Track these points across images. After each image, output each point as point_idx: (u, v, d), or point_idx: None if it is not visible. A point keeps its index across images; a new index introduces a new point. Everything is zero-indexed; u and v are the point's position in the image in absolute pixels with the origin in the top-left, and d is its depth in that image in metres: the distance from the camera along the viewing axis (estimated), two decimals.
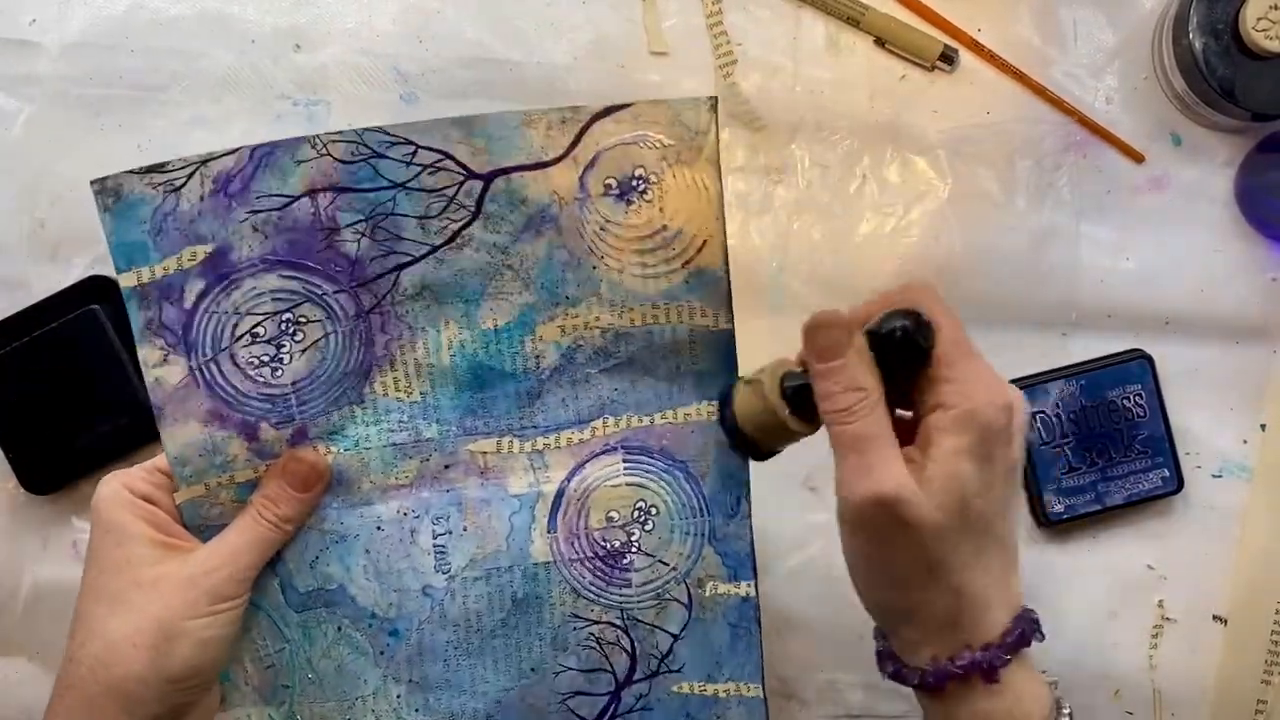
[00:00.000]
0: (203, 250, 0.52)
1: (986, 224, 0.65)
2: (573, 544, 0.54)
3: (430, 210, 0.52)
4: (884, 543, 0.45)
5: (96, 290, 0.63)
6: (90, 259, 0.65)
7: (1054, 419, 0.64)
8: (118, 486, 0.51)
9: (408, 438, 0.54)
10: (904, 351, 0.45)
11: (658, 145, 0.51)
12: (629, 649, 0.54)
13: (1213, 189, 0.65)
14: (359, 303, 0.53)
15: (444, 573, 0.54)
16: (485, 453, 0.54)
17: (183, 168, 0.51)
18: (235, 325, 0.52)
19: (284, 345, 0.53)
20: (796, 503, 0.65)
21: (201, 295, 0.52)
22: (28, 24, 0.65)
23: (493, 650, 0.54)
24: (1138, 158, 0.65)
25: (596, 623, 0.54)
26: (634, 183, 0.52)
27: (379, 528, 0.54)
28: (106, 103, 0.65)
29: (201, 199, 0.51)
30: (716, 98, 0.52)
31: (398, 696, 0.54)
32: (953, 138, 0.65)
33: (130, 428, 0.63)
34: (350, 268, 0.52)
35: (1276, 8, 0.58)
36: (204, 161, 0.51)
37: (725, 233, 0.53)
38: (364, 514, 0.54)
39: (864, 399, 0.45)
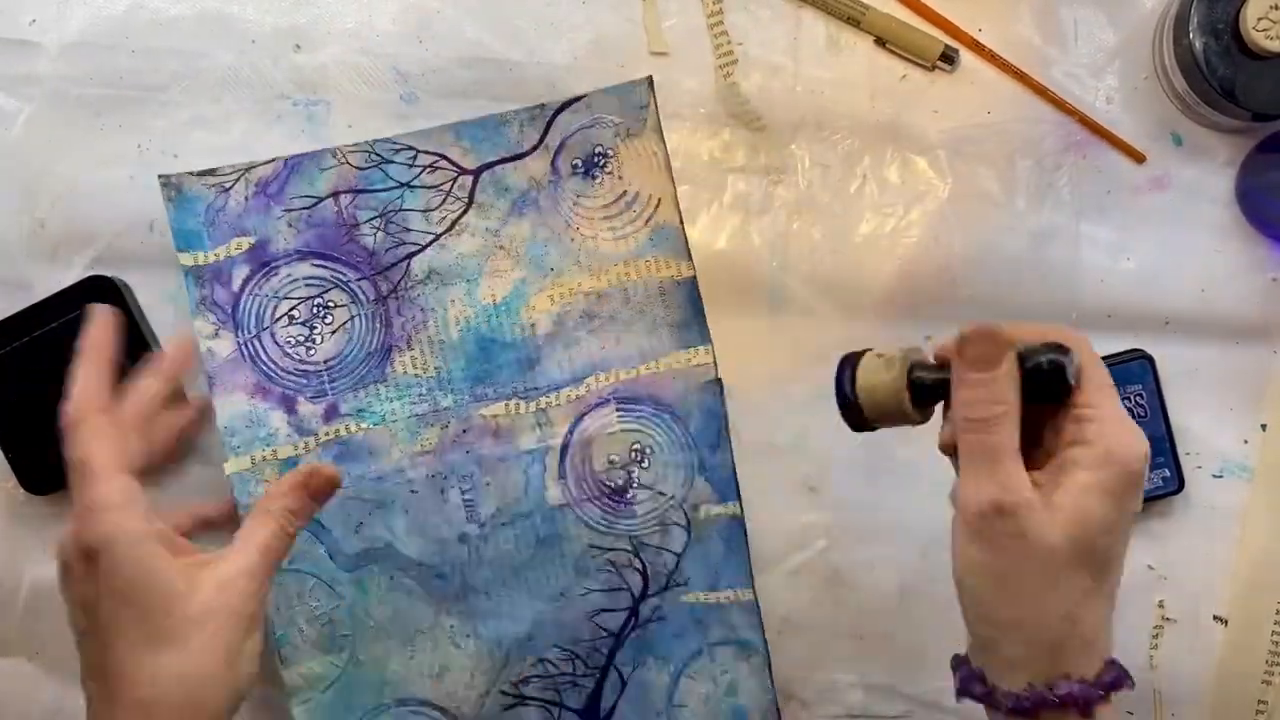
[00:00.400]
0: (247, 241, 0.62)
1: (986, 224, 0.65)
2: (582, 486, 0.63)
3: (431, 204, 0.62)
4: (1003, 552, 0.46)
5: (97, 290, 0.63)
6: (90, 259, 0.65)
7: None
8: (129, 528, 0.48)
9: (428, 408, 0.62)
10: (1049, 383, 0.47)
11: (611, 124, 0.62)
12: (641, 569, 0.63)
13: (1213, 189, 0.65)
14: (378, 288, 0.62)
15: (476, 522, 0.62)
16: (496, 416, 0.62)
17: (231, 172, 0.62)
18: (275, 307, 0.62)
19: (316, 327, 0.62)
20: (796, 503, 0.65)
21: (247, 279, 0.62)
22: (28, 24, 0.65)
23: (525, 582, 0.62)
24: (1138, 158, 0.65)
25: (611, 550, 0.62)
26: (596, 159, 0.62)
27: (413, 490, 0.62)
28: (106, 103, 0.65)
29: (246, 199, 0.62)
30: (651, 76, 0.62)
31: (450, 626, 0.62)
32: (953, 138, 0.65)
33: None
34: (369, 258, 0.62)
35: (1277, 8, 0.58)
36: (248, 168, 0.62)
37: (675, 190, 0.62)
38: (398, 480, 0.62)
39: (1005, 413, 0.46)
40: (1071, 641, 0.46)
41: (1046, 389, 0.47)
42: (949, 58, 0.64)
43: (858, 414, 0.50)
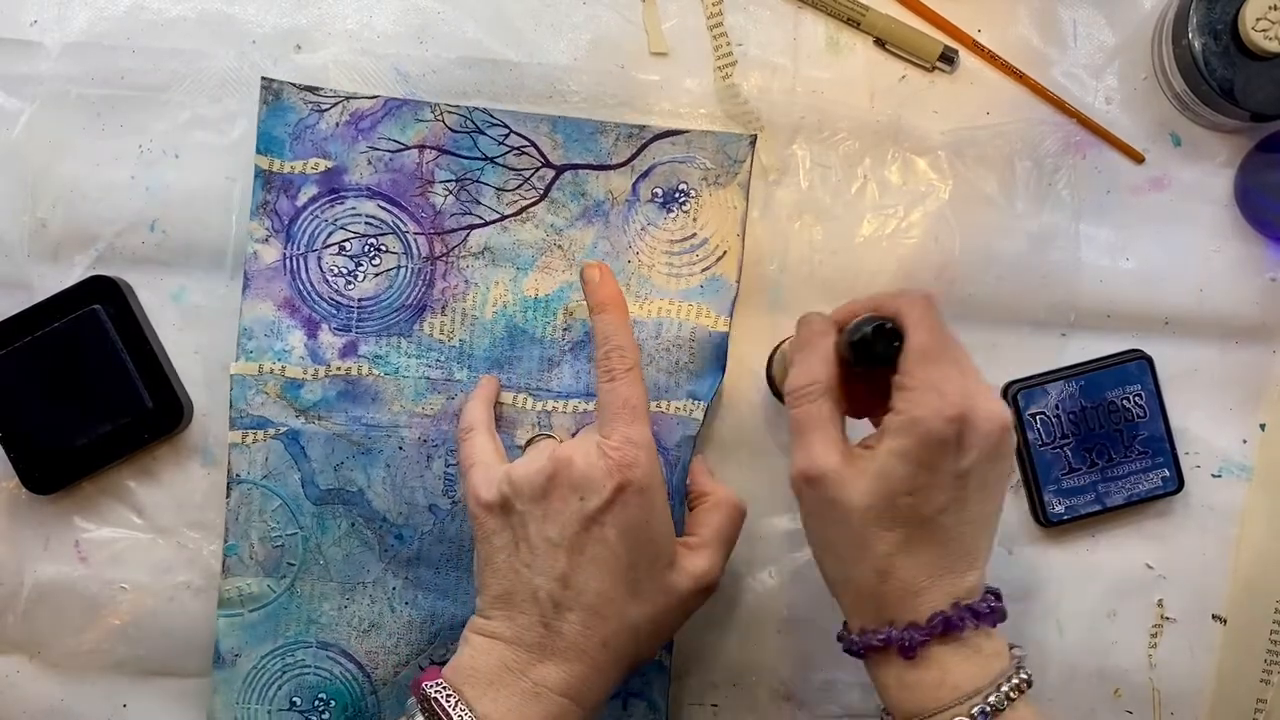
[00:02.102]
0: (325, 164, 0.63)
1: (986, 224, 0.65)
2: None
3: (508, 185, 0.63)
4: (818, 516, 0.51)
5: (99, 290, 0.63)
6: (91, 259, 0.65)
7: (1054, 420, 0.64)
8: (659, 478, 0.55)
9: (441, 375, 0.63)
10: (866, 354, 0.51)
11: (702, 167, 0.63)
12: None
13: (1212, 189, 0.65)
14: (432, 247, 0.63)
15: (450, 498, 0.63)
16: (502, 404, 0.63)
17: (332, 96, 0.63)
18: (330, 233, 0.63)
19: (362, 264, 0.63)
20: (796, 503, 0.65)
21: (313, 200, 0.63)
22: (29, 24, 0.65)
23: None
24: (1137, 158, 0.65)
25: None
26: (677, 195, 0.63)
27: (401, 448, 0.63)
28: (108, 103, 0.65)
29: (337, 125, 0.63)
30: (756, 136, 0.63)
31: (393, 588, 0.63)
32: (953, 138, 0.65)
33: (132, 428, 0.63)
34: (434, 216, 0.63)
35: (1276, 8, 0.58)
36: (349, 98, 0.63)
37: (743, 249, 0.63)
38: (390, 433, 0.63)
39: (813, 387, 0.51)
40: (888, 592, 0.50)
41: (867, 361, 0.51)
42: (948, 58, 0.64)
43: (778, 393, 0.59)
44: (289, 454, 0.62)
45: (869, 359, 0.51)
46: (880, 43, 0.65)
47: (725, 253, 0.63)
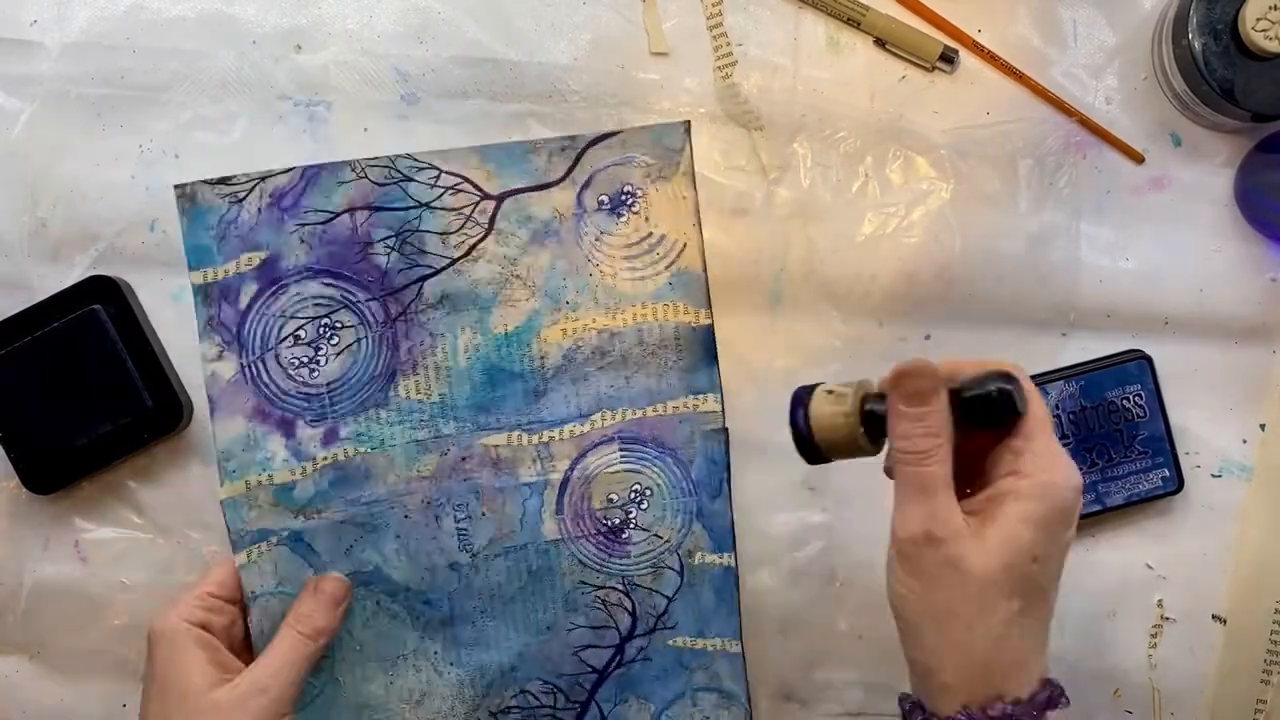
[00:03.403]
0: (258, 256, 0.60)
1: (987, 224, 0.65)
2: (579, 523, 0.61)
3: (450, 227, 0.61)
4: (931, 579, 0.48)
5: (98, 290, 0.63)
6: (91, 259, 0.65)
7: (1054, 420, 0.64)
8: (176, 621, 0.56)
9: (428, 434, 0.61)
10: (995, 412, 0.49)
11: (642, 164, 0.61)
12: (630, 609, 0.62)
13: (1212, 189, 0.65)
14: (387, 310, 0.61)
15: (468, 551, 0.61)
16: (497, 446, 0.61)
17: (246, 181, 0.60)
18: (281, 327, 0.60)
19: (321, 348, 0.61)
20: (796, 502, 0.65)
21: (255, 297, 0.60)
22: (29, 24, 0.65)
23: (513, 613, 0.62)
24: (1138, 158, 0.65)
25: (602, 587, 0.62)
26: (623, 197, 0.61)
27: (406, 516, 0.61)
28: (108, 103, 0.65)
29: (259, 211, 0.60)
30: (689, 122, 0.61)
31: (435, 652, 0.62)
32: (954, 138, 0.65)
33: (132, 428, 0.63)
34: (381, 278, 0.61)
35: (1276, 8, 0.58)
36: (264, 178, 0.60)
37: (702, 237, 0.61)
38: (393, 505, 0.61)
39: (939, 446, 0.48)
40: (1001, 663, 0.48)
41: (990, 420, 0.49)
42: (948, 58, 0.65)
43: (812, 447, 0.51)
44: (297, 555, 0.60)
45: (984, 419, 0.49)
46: (880, 43, 0.65)
47: (685, 245, 0.61)
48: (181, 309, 0.64)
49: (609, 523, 0.61)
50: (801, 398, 0.51)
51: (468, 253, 0.61)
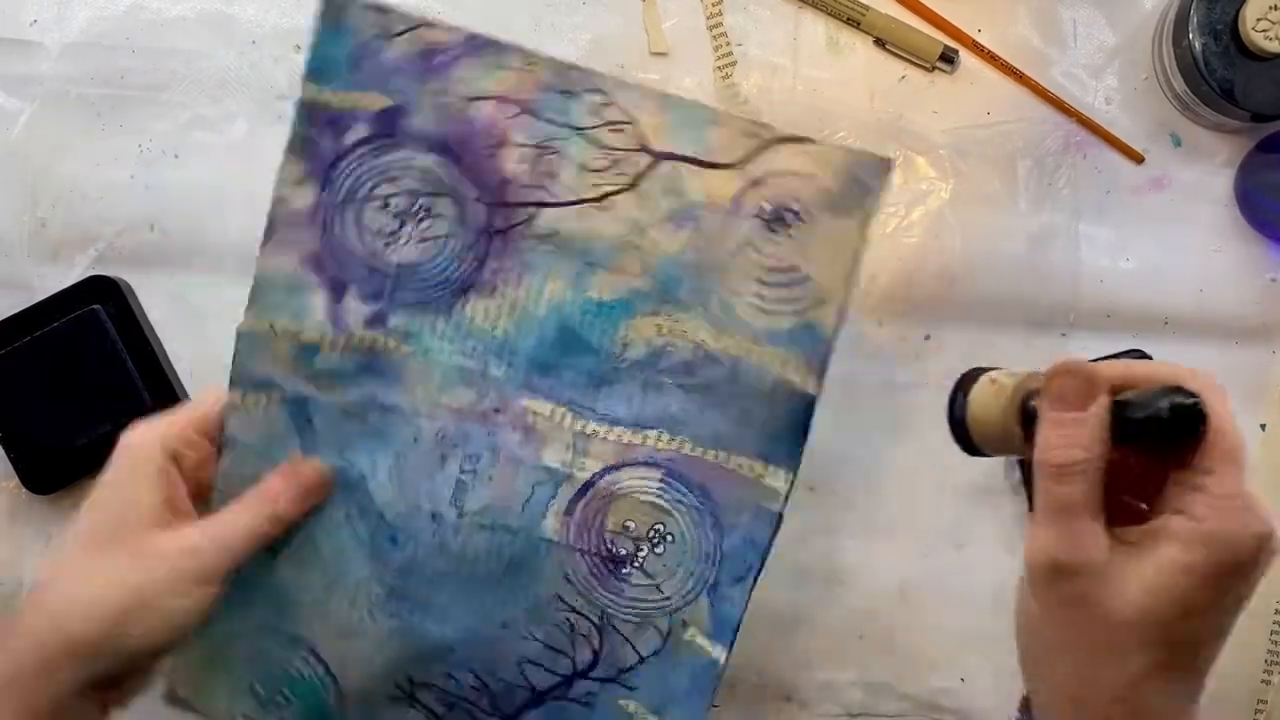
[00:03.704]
0: (384, 100, 0.53)
1: (987, 224, 0.65)
2: (582, 534, 0.55)
3: (594, 163, 0.53)
4: (1061, 613, 0.42)
5: (99, 290, 0.63)
6: (91, 259, 0.65)
7: None
8: (152, 439, 0.51)
9: (475, 366, 0.54)
10: (1163, 435, 0.41)
11: (823, 187, 0.52)
12: (595, 648, 0.55)
13: (1212, 189, 0.65)
14: (490, 220, 0.53)
15: (456, 507, 0.55)
16: (537, 413, 0.54)
17: (404, 19, 0.52)
18: (375, 185, 0.53)
19: (406, 225, 0.53)
20: (797, 502, 0.65)
21: (361, 141, 0.53)
22: (28, 24, 0.65)
23: (474, 594, 0.55)
24: (1137, 158, 0.65)
25: (576, 612, 0.55)
26: (786, 215, 0.52)
27: (415, 439, 0.54)
28: (107, 103, 0.65)
29: (406, 57, 0.52)
30: (892, 161, 0.52)
31: (375, 595, 0.55)
32: (954, 138, 0.65)
33: None
34: (499, 185, 0.53)
35: (1276, 8, 0.58)
36: (426, 24, 0.52)
37: (848, 297, 0.52)
38: (408, 421, 0.54)
39: (1086, 463, 0.41)
40: None
41: (1161, 439, 0.41)
42: (948, 58, 0.65)
43: (967, 439, 0.46)
44: (291, 422, 0.54)
45: (1154, 440, 0.42)
46: (880, 43, 0.65)
47: (826, 299, 0.52)
48: (182, 309, 0.65)
49: (614, 550, 0.55)
50: (964, 383, 0.46)
51: (600, 199, 0.53)
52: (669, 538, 0.54)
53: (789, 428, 0.53)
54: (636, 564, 0.54)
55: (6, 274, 0.65)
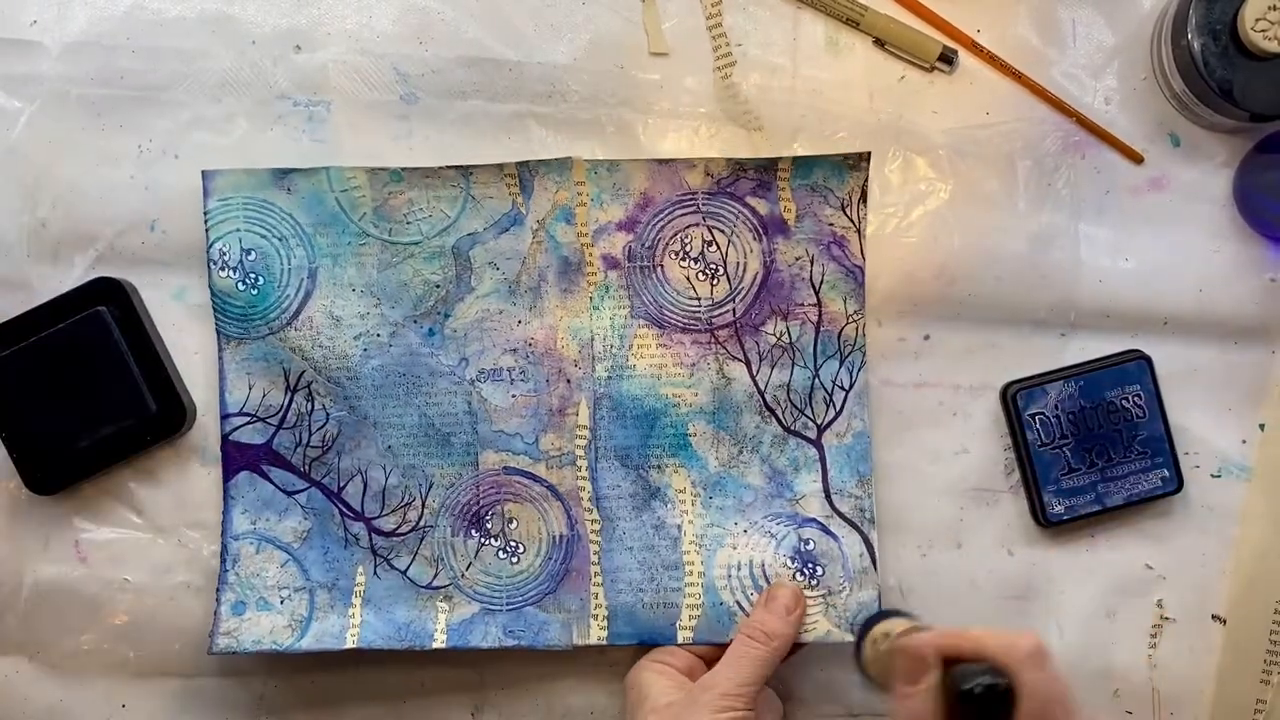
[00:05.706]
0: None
1: (986, 224, 0.65)
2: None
3: None
4: None
5: (103, 292, 0.63)
6: (91, 259, 0.65)
7: (1053, 420, 0.64)
8: (644, 661, 0.61)
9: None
10: (982, 709, 0.46)
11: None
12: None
13: (1211, 189, 0.65)
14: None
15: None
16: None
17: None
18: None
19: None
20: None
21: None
22: (28, 24, 0.65)
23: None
24: (1136, 158, 0.65)
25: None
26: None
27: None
28: (107, 103, 0.65)
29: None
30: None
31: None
32: (953, 138, 0.65)
33: (135, 430, 0.63)
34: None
35: (1275, 8, 0.58)
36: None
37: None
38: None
39: None
40: None
41: (984, 713, 0.46)
42: (948, 58, 0.65)
43: (871, 682, 0.55)
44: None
45: (973, 714, 0.46)
46: (880, 43, 0.65)
47: None
48: (182, 309, 0.64)
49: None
50: (863, 631, 0.55)
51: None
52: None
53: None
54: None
55: (6, 274, 0.65)
